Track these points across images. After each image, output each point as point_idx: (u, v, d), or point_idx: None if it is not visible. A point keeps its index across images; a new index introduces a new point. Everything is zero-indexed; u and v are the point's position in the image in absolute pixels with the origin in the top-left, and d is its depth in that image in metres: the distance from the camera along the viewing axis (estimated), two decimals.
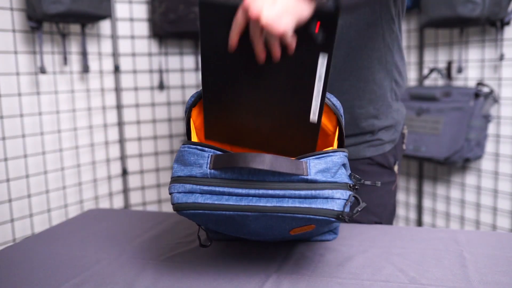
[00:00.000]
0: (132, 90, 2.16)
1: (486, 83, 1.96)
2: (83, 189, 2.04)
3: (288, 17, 0.62)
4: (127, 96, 2.15)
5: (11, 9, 1.74)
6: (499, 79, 1.93)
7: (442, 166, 2.18)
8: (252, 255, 0.82)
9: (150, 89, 2.21)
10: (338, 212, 0.65)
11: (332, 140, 0.78)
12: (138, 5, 2.13)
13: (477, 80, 2.00)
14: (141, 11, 2.15)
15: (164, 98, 2.25)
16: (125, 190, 2.20)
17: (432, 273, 0.72)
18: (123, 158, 2.17)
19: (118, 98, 2.12)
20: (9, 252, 0.88)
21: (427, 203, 2.28)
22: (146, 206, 2.27)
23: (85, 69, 1.95)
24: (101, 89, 2.07)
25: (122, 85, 2.13)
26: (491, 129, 1.98)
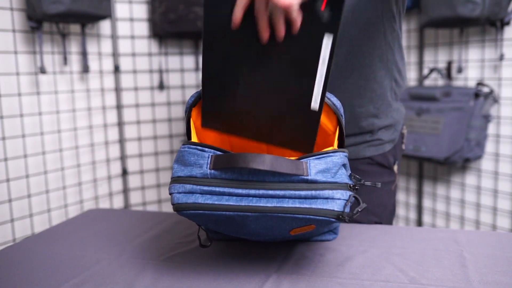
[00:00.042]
0: (132, 90, 2.16)
1: (486, 83, 1.97)
2: (83, 189, 2.04)
3: None
4: (127, 96, 2.15)
5: (11, 9, 1.74)
6: (499, 79, 1.93)
7: (442, 166, 2.18)
8: (252, 255, 0.82)
9: (150, 89, 2.21)
10: (338, 213, 0.65)
11: (332, 140, 0.78)
12: (138, 5, 2.13)
13: (477, 80, 2.00)
14: (141, 11, 2.15)
15: (164, 98, 2.25)
16: (125, 190, 2.20)
17: (432, 273, 0.72)
18: (123, 158, 2.17)
19: (118, 98, 2.12)
20: (9, 252, 0.88)
21: (427, 203, 2.28)
22: (146, 206, 2.27)
23: (85, 69, 1.95)
24: (101, 89, 2.07)
25: (122, 85, 2.13)
26: (491, 129, 1.98)
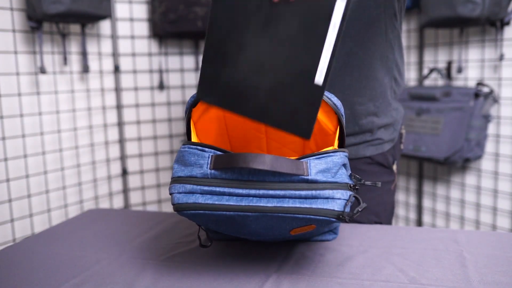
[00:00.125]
0: (132, 90, 2.16)
1: (486, 83, 1.97)
2: (83, 189, 2.04)
3: None
4: (127, 96, 2.15)
5: (11, 9, 1.74)
6: (499, 79, 1.93)
7: (442, 166, 2.18)
8: (252, 255, 0.82)
9: (150, 89, 2.21)
10: (339, 212, 0.65)
11: (333, 140, 0.78)
12: (138, 5, 2.13)
13: (477, 80, 2.00)
14: (141, 11, 2.15)
15: (164, 98, 2.25)
16: (125, 190, 2.20)
17: (432, 273, 0.72)
18: (123, 158, 2.17)
19: (118, 98, 2.12)
20: (9, 252, 0.88)
21: (427, 203, 2.28)
22: (146, 206, 2.27)
23: (85, 69, 1.95)
24: (101, 89, 2.07)
25: (122, 85, 2.13)
26: (491, 129, 1.98)
